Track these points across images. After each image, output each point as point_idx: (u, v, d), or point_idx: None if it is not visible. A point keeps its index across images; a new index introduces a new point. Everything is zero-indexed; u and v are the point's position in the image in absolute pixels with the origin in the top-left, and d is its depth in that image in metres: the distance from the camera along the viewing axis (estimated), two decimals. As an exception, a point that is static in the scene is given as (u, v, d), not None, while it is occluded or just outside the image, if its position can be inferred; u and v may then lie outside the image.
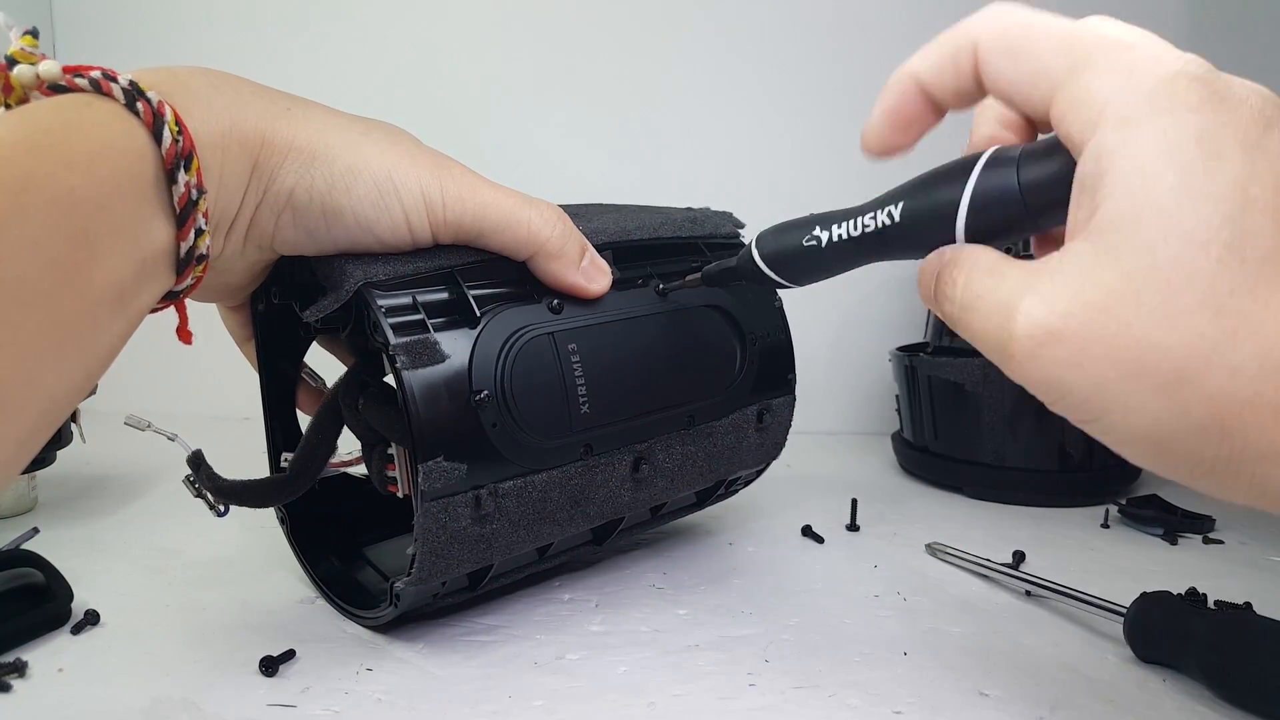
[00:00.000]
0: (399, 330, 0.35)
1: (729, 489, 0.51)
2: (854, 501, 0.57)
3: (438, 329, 0.36)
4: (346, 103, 0.37)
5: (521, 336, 0.38)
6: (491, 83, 0.84)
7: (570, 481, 0.39)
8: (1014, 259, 0.25)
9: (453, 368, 0.35)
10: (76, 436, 0.58)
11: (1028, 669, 0.38)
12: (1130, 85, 0.22)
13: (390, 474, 0.40)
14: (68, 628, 0.40)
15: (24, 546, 0.45)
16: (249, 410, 0.44)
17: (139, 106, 0.27)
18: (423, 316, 0.35)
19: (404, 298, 0.36)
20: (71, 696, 0.35)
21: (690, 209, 0.50)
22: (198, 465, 0.40)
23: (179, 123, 0.28)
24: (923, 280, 0.28)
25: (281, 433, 0.45)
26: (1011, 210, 0.26)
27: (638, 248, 0.44)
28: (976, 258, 0.26)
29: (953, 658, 0.39)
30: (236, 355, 0.44)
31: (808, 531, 0.54)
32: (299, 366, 0.45)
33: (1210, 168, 0.21)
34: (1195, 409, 0.21)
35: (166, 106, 0.28)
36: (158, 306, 0.31)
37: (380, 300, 0.35)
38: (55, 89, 0.27)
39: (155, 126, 0.27)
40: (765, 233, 0.34)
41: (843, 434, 0.84)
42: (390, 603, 0.38)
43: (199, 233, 0.29)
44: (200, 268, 0.30)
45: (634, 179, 0.85)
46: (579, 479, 0.39)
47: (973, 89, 0.27)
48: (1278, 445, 0.21)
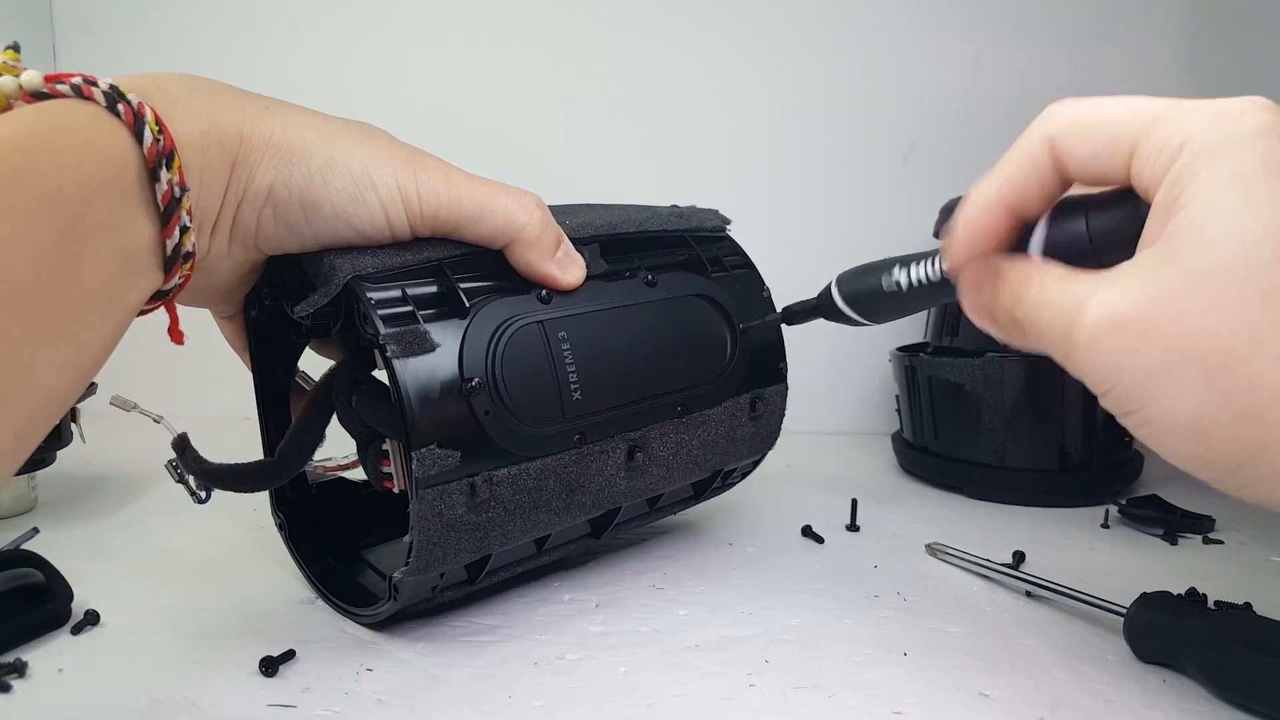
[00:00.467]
0: (389, 321, 0.35)
1: (725, 481, 0.51)
2: (854, 501, 0.57)
3: (427, 320, 0.36)
4: (345, 105, 0.37)
5: (511, 325, 0.38)
6: (487, 83, 0.84)
7: (565, 469, 0.39)
8: (1081, 270, 0.27)
9: (443, 356, 0.36)
10: (76, 436, 0.58)
11: (1028, 669, 0.38)
12: (1203, 125, 0.25)
13: (385, 470, 0.40)
14: (68, 628, 0.40)
15: (24, 546, 0.45)
16: (247, 411, 0.44)
17: (120, 108, 0.28)
18: (412, 308, 0.36)
19: (393, 290, 0.36)
20: (71, 696, 0.35)
21: (677, 206, 0.50)
22: (183, 449, 0.40)
23: (159, 123, 0.29)
24: (975, 291, 0.30)
25: (277, 438, 0.45)
26: (1077, 246, 0.28)
27: (625, 241, 0.45)
28: (1048, 267, 0.28)
29: (953, 658, 0.39)
30: (233, 356, 0.44)
31: (808, 531, 0.54)
32: (293, 372, 0.45)
33: (1271, 184, 0.24)
34: (1236, 396, 0.24)
35: (146, 107, 0.28)
36: (148, 307, 0.32)
37: (370, 293, 0.35)
38: (38, 97, 0.28)
39: (136, 127, 0.28)
40: (845, 274, 0.37)
41: (843, 434, 0.84)
42: (390, 595, 0.38)
43: (184, 230, 0.30)
44: (187, 266, 0.31)
45: (626, 180, 0.85)
46: (574, 466, 0.40)
47: (1056, 186, 0.29)
48: None
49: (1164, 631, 0.37)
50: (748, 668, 0.38)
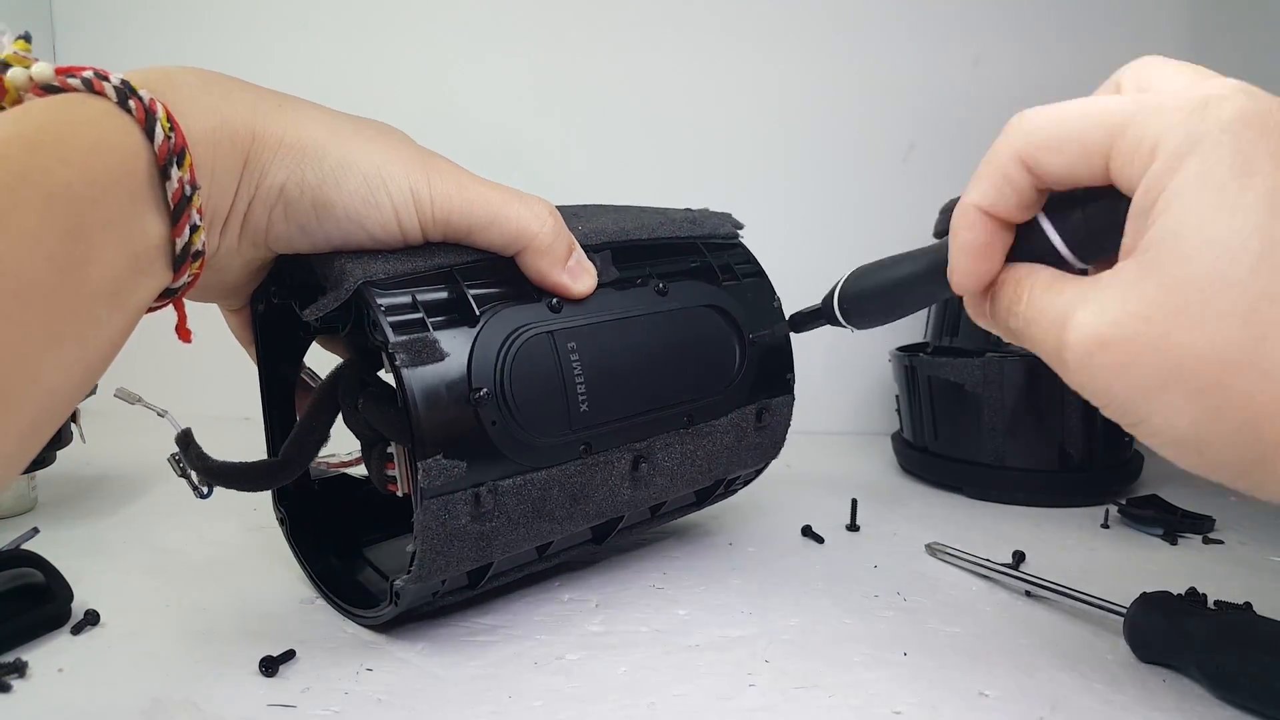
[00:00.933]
0: (398, 329, 0.35)
1: (728, 489, 0.51)
2: (854, 501, 0.57)
3: (437, 327, 0.36)
4: (347, 102, 0.37)
5: (521, 335, 0.38)
6: (487, 83, 0.85)
7: (569, 479, 0.39)
8: (1069, 275, 0.27)
9: (452, 366, 0.35)
10: (76, 436, 0.58)
11: (1028, 669, 0.38)
12: (1171, 123, 0.24)
13: (390, 473, 0.40)
14: (68, 628, 0.40)
15: (24, 546, 0.45)
16: (249, 410, 0.44)
17: (131, 104, 0.27)
18: (422, 315, 0.36)
19: (403, 296, 0.36)
20: (71, 696, 0.35)
21: (689, 209, 0.50)
22: (186, 444, 0.40)
23: (170, 120, 0.28)
24: (976, 306, 0.30)
25: (281, 433, 0.45)
26: (1080, 239, 0.28)
27: (637, 247, 0.44)
28: (1037, 274, 0.28)
29: (953, 658, 0.39)
30: (238, 355, 0.44)
31: (808, 531, 0.54)
32: (299, 367, 0.45)
33: (1243, 183, 0.23)
34: (1229, 413, 0.23)
35: (158, 104, 0.28)
36: (156, 305, 0.31)
37: (380, 299, 0.35)
38: (48, 90, 0.28)
39: (147, 123, 0.28)
40: (848, 281, 0.38)
41: (843, 434, 0.84)
42: (390, 601, 0.38)
43: (194, 229, 0.29)
44: (197, 264, 0.30)
45: (626, 180, 0.85)
46: (578, 477, 0.39)
47: (1034, 196, 0.28)
48: None
49: (1164, 631, 0.37)
50: (748, 668, 0.38)
